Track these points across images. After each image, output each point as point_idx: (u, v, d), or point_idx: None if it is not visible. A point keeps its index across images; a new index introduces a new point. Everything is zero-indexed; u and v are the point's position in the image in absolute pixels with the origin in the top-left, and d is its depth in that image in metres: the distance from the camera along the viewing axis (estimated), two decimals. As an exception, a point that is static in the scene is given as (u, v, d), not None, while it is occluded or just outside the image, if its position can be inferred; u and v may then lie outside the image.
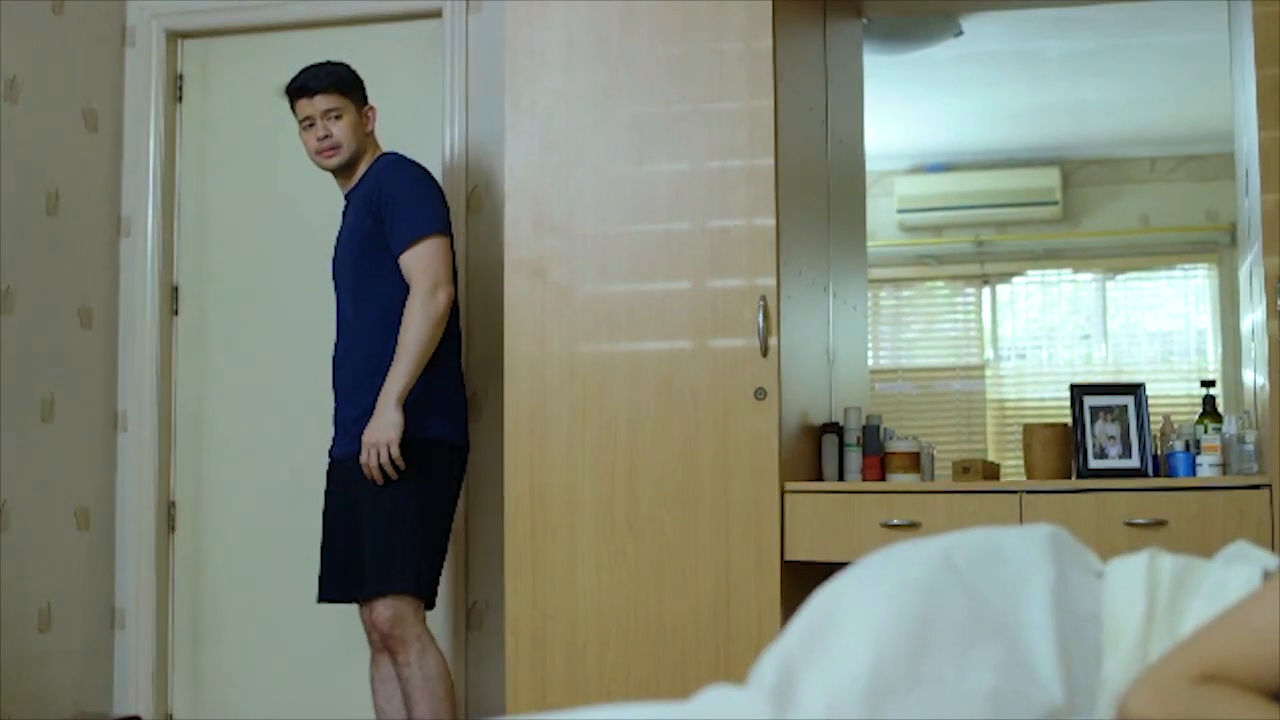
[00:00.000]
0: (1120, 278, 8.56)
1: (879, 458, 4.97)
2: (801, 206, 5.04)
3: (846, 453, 5.00)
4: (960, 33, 6.54)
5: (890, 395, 8.00)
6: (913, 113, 7.51)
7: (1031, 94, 7.46)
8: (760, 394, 4.66)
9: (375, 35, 5.93)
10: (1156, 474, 4.82)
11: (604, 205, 4.86)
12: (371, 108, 5.19)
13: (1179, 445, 4.80)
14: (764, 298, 4.65)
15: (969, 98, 7.49)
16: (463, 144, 5.73)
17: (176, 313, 6.06)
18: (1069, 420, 4.90)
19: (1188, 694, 1.72)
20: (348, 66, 5.20)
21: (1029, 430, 4.96)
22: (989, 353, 8.54)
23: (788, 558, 4.65)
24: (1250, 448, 4.71)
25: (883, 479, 4.93)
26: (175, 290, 6.07)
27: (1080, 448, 4.84)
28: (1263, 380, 4.62)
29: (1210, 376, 5.98)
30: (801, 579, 4.69)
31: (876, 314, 8.50)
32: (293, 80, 5.12)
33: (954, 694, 1.69)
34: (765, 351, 4.67)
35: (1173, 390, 7.55)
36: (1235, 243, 5.77)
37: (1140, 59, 6.98)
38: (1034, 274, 8.72)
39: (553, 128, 4.92)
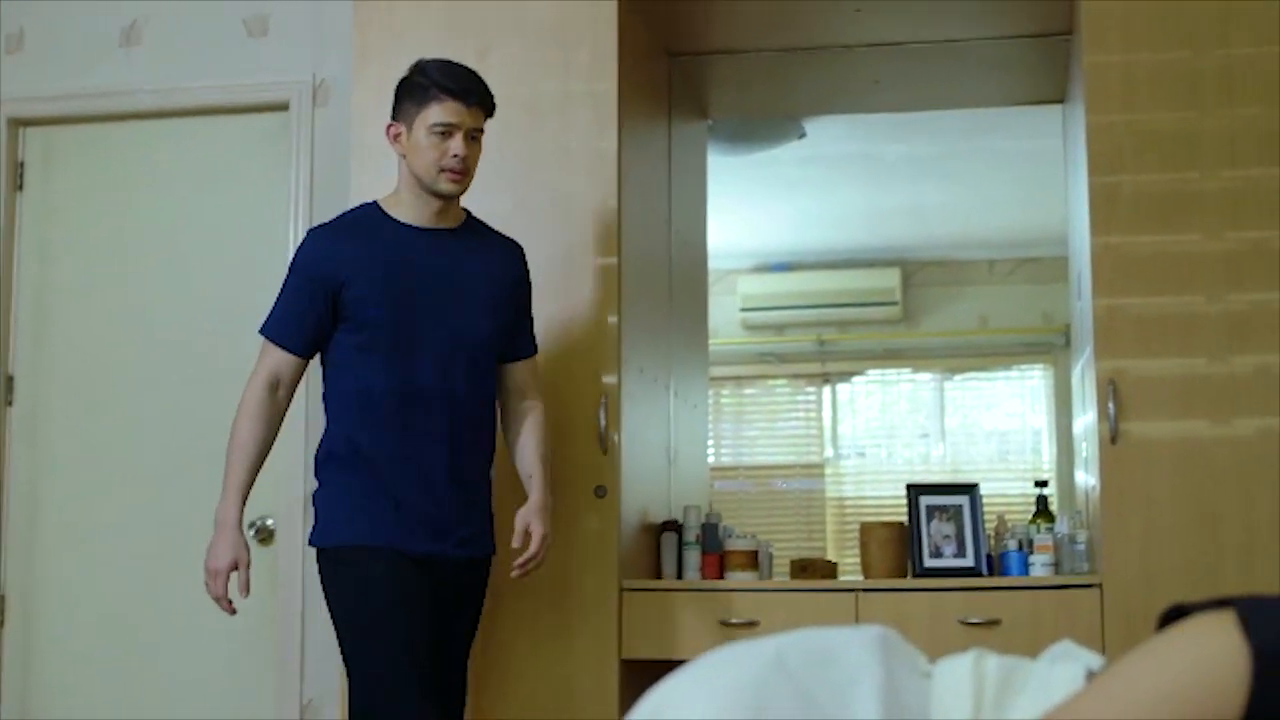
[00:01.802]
0: (958, 377, 8.68)
1: (718, 556, 4.99)
2: (644, 304, 5.07)
3: (685, 551, 5.02)
4: (803, 135, 6.65)
5: (731, 493, 8.05)
6: (757, 213, 7.60)
7: (873, 196, 7.58)
8: (600, 491, 4.67)
9: (222, 126, 5.89)
10: (990, 573, 4.89)
11: (447, 300, 4.86)
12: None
13: (1013, 545, 4.87)
14: (605, 395, 4.67)
15: (812, 199, 7.60)
16: (307, 237, 5.71)
17: (11, 403, 5.96)
18: (906, 519, 4.96)
19: (1015, 793, 1.74)
20: None
21: (866, 529, 5.01)
22: (829, 451, 8.62)
23: (625, 656, 4.65)
24: (1082, 547, 4.80)
25: (721, 577, 4.95)
26: (10, 380, 5.97)
27: (916, 547, 4.90)
28: (1094, 481, 4.71)
29: (1044, 476, 6.07)
30: (639, 677, 4.69)
31: (718, 411, 8.56)
32: (445, 74, 4.18)
33: (783, 794, 1.70)
34: (606, 449, 4.68)
35: (1008, 489, 7.65)
36: (1069, 345, 5.88)
37: (979, 164, 7.13)
38: (874, 373, 8.83)
39: (397, 222, 4.92)
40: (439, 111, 4.12)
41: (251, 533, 5.54)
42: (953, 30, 5.54)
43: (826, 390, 8.60)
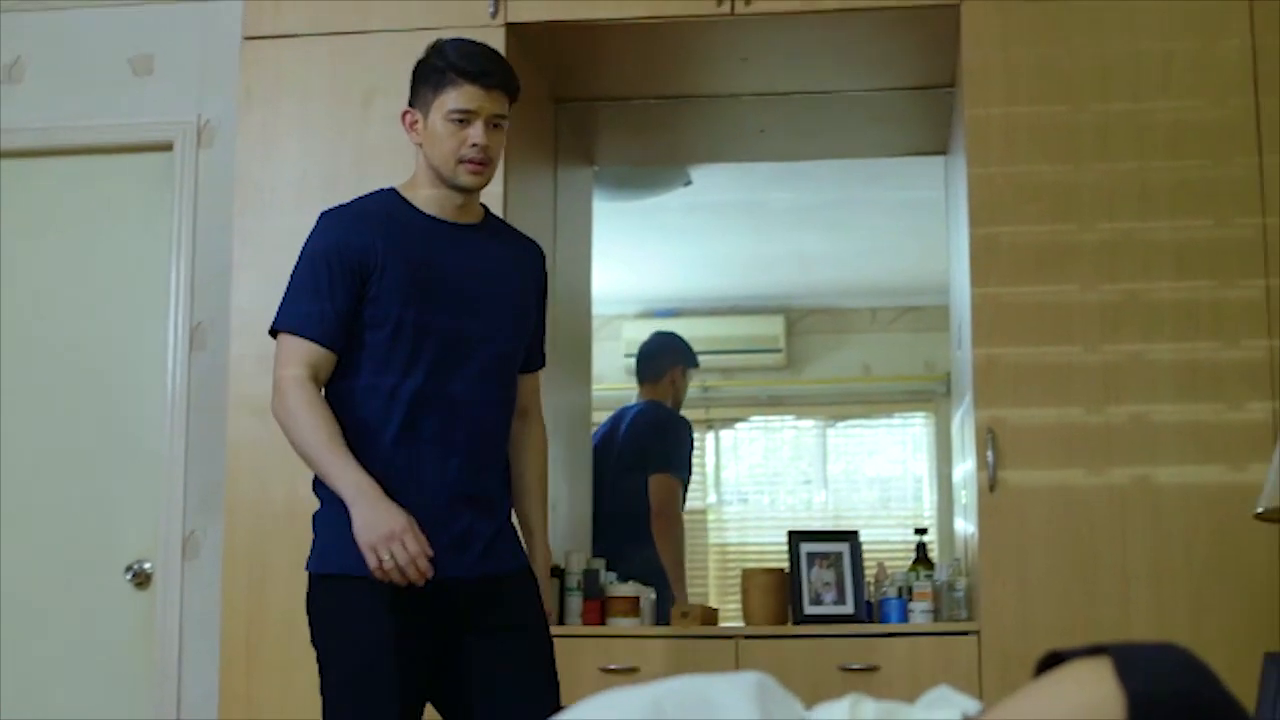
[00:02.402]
0: (841, 424, 8.72)
1: (599, 602, 4.99)
2: (528, 350, 5.07)
3: (567, 596, 5.01)
4: (689, 182, 6.68)
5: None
6: (642, 259, 7.62)
7: (758, 244, 7.62)
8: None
9: (105, 166, 5.83)
10: (870, 620, 4.92)
11: (331, 344, 4.83)
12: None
13: (892, 592, 4.91)
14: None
15: (697, 246, 7.63)
16: (189, 278, 5.64)
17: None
18: (787, 566, 4.99)
19: (890, 839, 1.75)
20: None
21: (747, 575, 5.03)
22: (712, 497, 8.63)
23: (507, 701, 4.63)
24: (960, 594, 4.84)
25: (602, 623, 4.95)
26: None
27: (797, 593, 4.92)
28: (972, 528, 4.75)
29: (925, 523, 6.12)
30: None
31: (602, 457, 8.54)
32: (462, 55, 3.75)
33: (659, 842, 1.71)
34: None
35: (890, 536, 7.69)
36: (950, 393, 5.93)
37: (862, 213, 7.19)
38: (758, 420, 8.85)
39: (282, 265, 4.86)
40: (455, 97, 3.68)
41: (128, 576, 5.47)
42: (838, 81, 5.60)
43: (710, 436, 8.61)
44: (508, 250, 3.90)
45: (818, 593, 4.93)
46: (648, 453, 6.12)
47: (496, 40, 4.85)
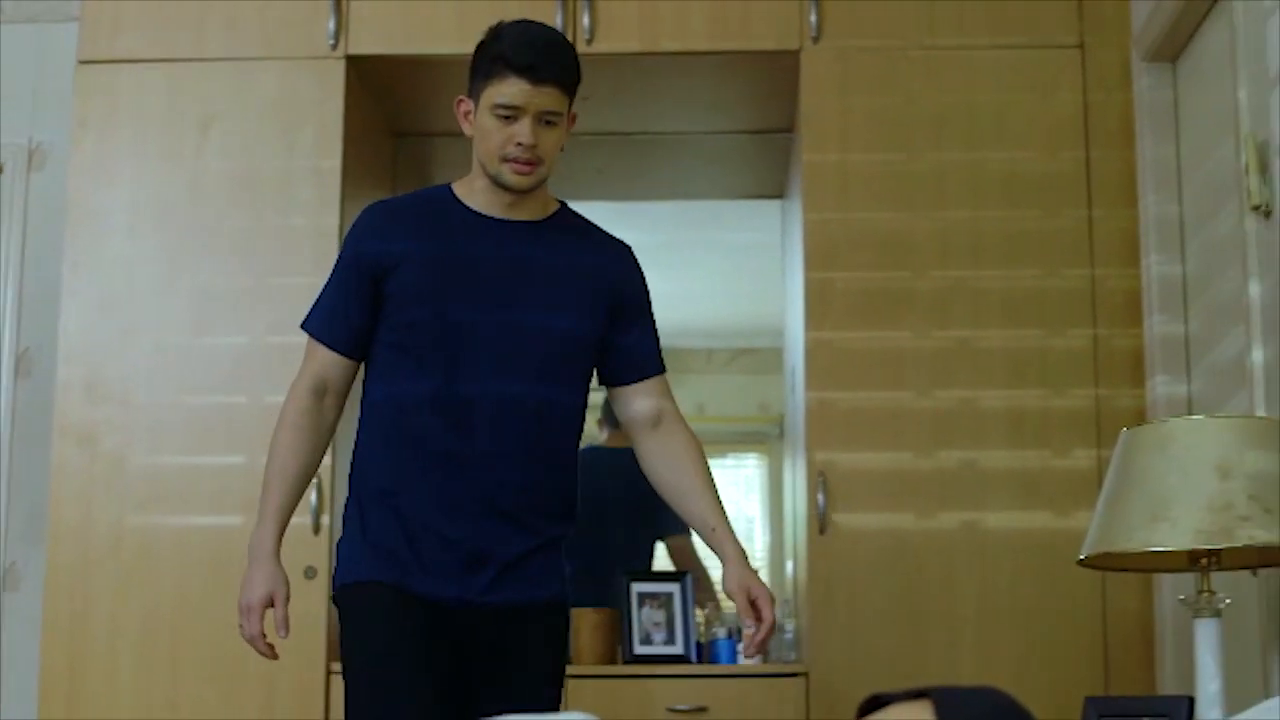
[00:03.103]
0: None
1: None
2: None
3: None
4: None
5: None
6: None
7: (595, 282, 7.61)
8: (310, 573, 4.61)
9: (-70, 188, 5.72)
10: (700, 660, 4.93)
11: (161, 374, 4.78)
12: (574, 116, 3.50)
13: (722, 633, 4.92)
14: (319, 476, 4.61)
15: (534, 283, 7.60)
16: (16, 303, 5.54)
17: None
18: (618, 606, 4.98)
19: None
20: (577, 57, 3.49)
21: (577, 614, 5.01)
22: (545, 535, 8.59)
23: (333, 738, 4.59)
24: (790, 636, 4.87)
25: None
26: None
27: (627, 633, 4.92)
28: (802, 570, 4.78)
29: (757, 564, 6.11)
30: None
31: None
32: (516, 43, 3.36)
33: None
34: (317, 530, 4.64)
35: (721, 577, 7.68)
36: (784, 435, 5.97)
37: (699, 254, 7.20)
38: (592, 458, 8.84)
39: (112, 292, 4.83)
40: (502, 90, 3.32)
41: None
42: (678, 123, 5.63)
43: (544, 474, 8.58)
44: (577, 248, 3.51)
45: (648, 632, 4.93)
46: (659, 514, 5.84)
47: (335, 73, 4.84)
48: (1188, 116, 4.54)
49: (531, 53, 3.31)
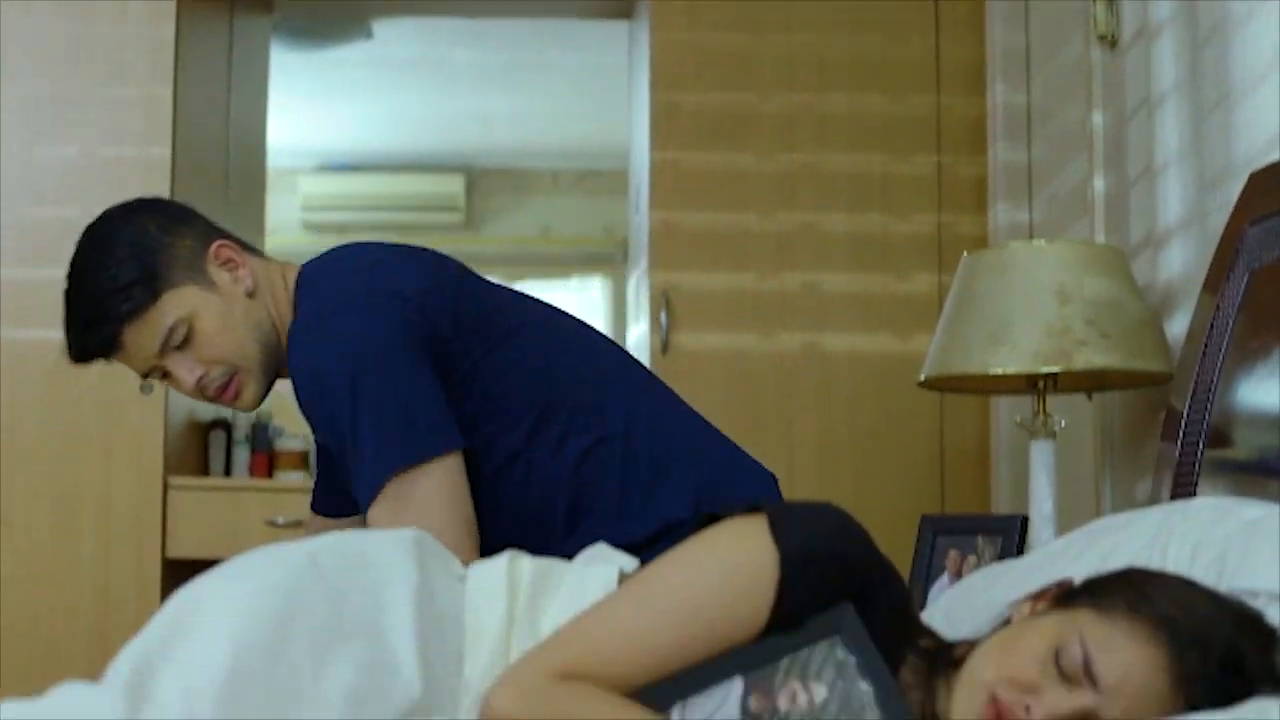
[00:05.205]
0: (519, 286, 8.69)
1: (267, 455, 4.94)
2: (197, 198, 4.89)
3: (235, 449, 4.94)
4: (370, 35, 6.55)
5: (284, 393, 7.92)
6: (321, 112, 7.48)
7: (439, 101, 7.53)
8: (146, 389, 4.54)
9: None
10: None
11: (-12, 183, 4.66)
12: (222, 242, 2.76)
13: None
14: (155, 289, 4.54)
15: (377, 101, 7.51)
16: None
17: None
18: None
19: (548, 693, 1.76)
20: (116, 252, 2.68)
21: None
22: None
23: (170, 555, 4.56)
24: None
25: (270, 477, 4.90)
26: None
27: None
28: (644, 392, 4.78)
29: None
30: (184, 577, 4.59)
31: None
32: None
33: (311, 691, 1.69)
34: (154, 345, 4.56)
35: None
36: (628, 258, 5.96)
37: (545, 75, 7.14)
38: (435, 279, 8.80)
39: None
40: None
41: None
42: (525, -61, 5.54)
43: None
44: None
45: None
46: None
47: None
48: (1036, -58, 4.54)
49: (66, 333, 2.75)
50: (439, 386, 2.50)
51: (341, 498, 2.74)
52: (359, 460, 2.46)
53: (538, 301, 2.83)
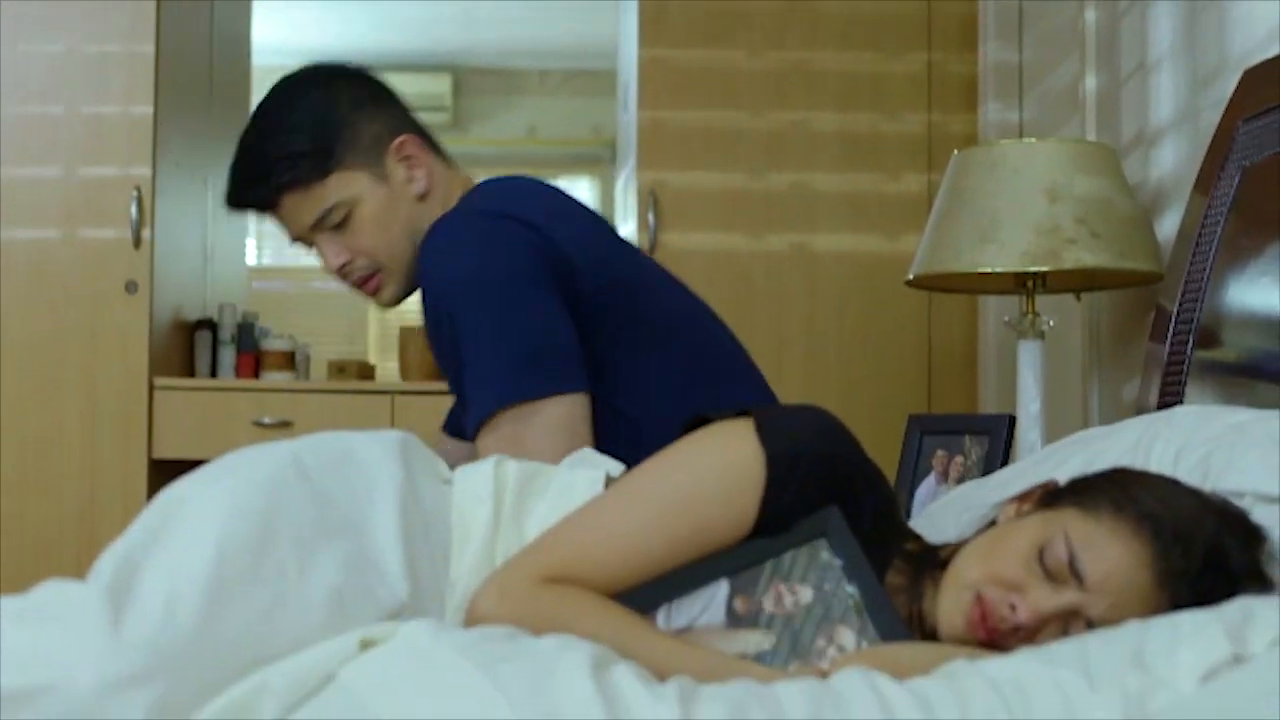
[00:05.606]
0: (506, 186, 8.69)
1: (253, 355, 4.92)
2: (182, 97, 4.90)
3: (220, 350, 4.93)
4: (355, -69, 6.50)
5: (271, 294, 7.89)
6: (304, 11, 7.42)
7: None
8: (132, 287, 4.53)
9: None
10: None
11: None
12: (408, 136, 2.68)
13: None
14: (138, 188, 4.51)
15: (362, -2, 7.46)
16: None
17: None
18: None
19: (534, 594, 1.75)
20: (294, 125, 2.61)
21: (405, 333, 5.01)
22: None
23: (156, 455, 4.56)
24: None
25: (256, 377, 4.89)
26: None
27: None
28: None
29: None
30: (170, 477, 4.59)
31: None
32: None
33: (296, 590, 1.68)
34: (138, 244, 4.54)
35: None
36: (616, 159, 5.94)
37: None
38: (422, 178, 8.77)
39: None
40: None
41: None
42: None
43: (374, 193, 8.50)
44: None
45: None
46: None
47: None
48: None
49: (228, 178, 2.70)
50: (571, 325, 2.41)
51: None
52: (473, 386, 2.39)
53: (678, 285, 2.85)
